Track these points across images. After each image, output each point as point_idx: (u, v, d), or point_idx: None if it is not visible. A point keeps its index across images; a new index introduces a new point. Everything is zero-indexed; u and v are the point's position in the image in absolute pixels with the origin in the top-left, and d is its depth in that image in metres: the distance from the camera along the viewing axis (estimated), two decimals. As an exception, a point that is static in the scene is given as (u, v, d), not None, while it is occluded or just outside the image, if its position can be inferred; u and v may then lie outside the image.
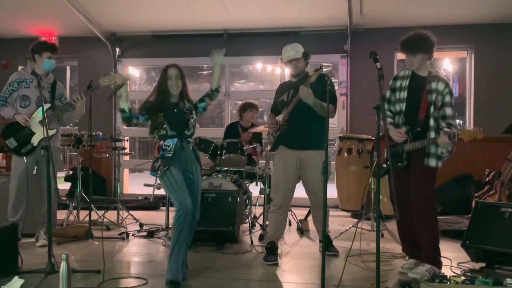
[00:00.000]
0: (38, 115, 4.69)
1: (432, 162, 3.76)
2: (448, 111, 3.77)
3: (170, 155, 3.68)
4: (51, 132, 4.71)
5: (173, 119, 3.74)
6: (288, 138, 4.47)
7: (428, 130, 3.78)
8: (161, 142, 3.77)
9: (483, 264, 4.01)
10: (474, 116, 7.57)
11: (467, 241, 4.03)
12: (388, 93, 4.03)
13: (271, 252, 4.39)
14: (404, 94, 3.91)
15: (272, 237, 4.52)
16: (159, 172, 3.65)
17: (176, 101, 3.83)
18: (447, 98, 3.77)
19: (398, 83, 3.98)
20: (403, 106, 3.90)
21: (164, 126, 3.72)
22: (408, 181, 3.85)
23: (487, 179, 6.17)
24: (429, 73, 3.88)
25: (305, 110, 4.29)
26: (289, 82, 4.66)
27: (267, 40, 8.05)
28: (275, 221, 4.55)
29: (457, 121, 3.84)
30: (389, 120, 3.97)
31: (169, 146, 3.72)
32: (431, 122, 3.78)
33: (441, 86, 3.78)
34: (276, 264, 4.27)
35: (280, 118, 4.54)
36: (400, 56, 7.93)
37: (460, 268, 3.99)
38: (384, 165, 3.97)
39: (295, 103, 4.34)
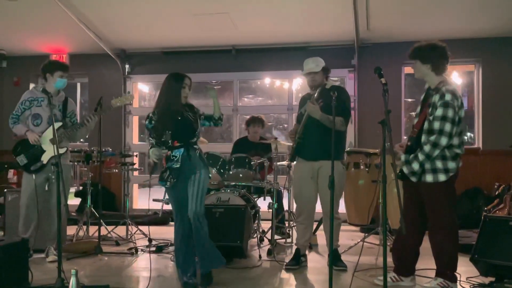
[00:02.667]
0: (49, 133, 4.77)
1: (428, 178, 3.70)
2: (435, 125, 3.62)
3: (178, 166, 3.80)
4: (61, 151, 4.79)
5: (179, 130, 3.84)
6: (304, 149, 4.63)
7: (421, 143, 3.70)
8: (168, 153, 3.86)
9: (493, 279, 3.97)
10: (482, 130, 7.55)
11: (476, 255, 3.99)
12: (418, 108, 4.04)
13: (294, 258, 4.70)
14: (419, 109, 3.94)
15: (297, 244, 4.78)
16: (168, 183, 3.82)
17: (179, 109, 3.89)
18: (438, 111, 3.61)
19: (421, 97, 3.99)
20: (415, 121, 3.92)
21: (170, 140, 3.83)
22: (415, 194, 3.84)
23: (496, 192, 6.15)
24: (436, 85, 3.78)
25: (318, 122, 4.44)
26: (308, 95, 4.80)
27: (275, 56, 8.11)
28: (297, 230, 4.83)
29: (465, 136, 3.77)
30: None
31: (176, 157, 3.82)
32: (423, 137, 3.70)
33: (436, 98, 3.68)
34: (293, 269, 4.54)
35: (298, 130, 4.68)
36: (408, 70, 7.97)
37: (469, 283, 3.97)
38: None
39: (306, 118, 4.52)
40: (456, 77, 9.36)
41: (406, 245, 3.97)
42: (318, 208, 4.75)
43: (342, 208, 4.06)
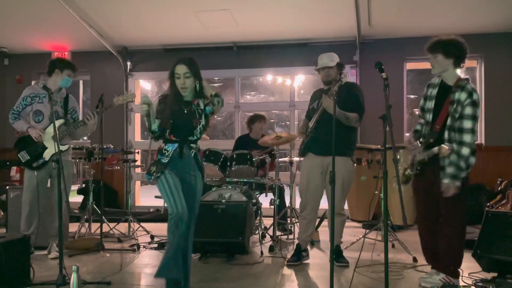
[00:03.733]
0: (51, 130, 4.77)
1: (446, 181, 3.59)
2: (466, 124, 3.58)
3: (166, 161, 3.49)
4: (64, 148, 4.80)
5: (179, 123, 3.52)
6: (315, 144, 4.61)
7: (445, 141, 3.64)
8: (161, 145, 3.58)
9: (495, 274, 3.96)
10: (485, 126, 7.53)
11: (478, 251, 3.98)
12: (421, 102, 3.94)
13: (295, 253, 4.69)
14: (431, 104, 3.79)
15: (298, 239, 4.75)
16: (151, 178, 3.50)
17: (190, 100, 3.58)
18: (467, 110, 3.57)
19: (429, 91, 3.86)
20: (431, 116, 3.78)
21: (168, 130, 3.51)
22: (432, 190, 3.76)
23: (499, 188, 6.13)
24: (456, 82, 3.71)
25: (332, 117, 4.30)
26: (321, 90, 4.76)
27: (276, 52, 8.10)
28: (300, 225, 4.79)
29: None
30: (417, 127, 3.96)
31: (167, 151, 3.51)
32: (445, 134, 3.64)
33: (463, 96, 3.59)
34: (294, 265, 4.53)
35: (310, 125, 4.66)
36: (410, 66, 7.96)
37: (472, 278, 3.96)
38: (406, 172, 3.92)
39: (320, 112, 4.50)
40: (458, 72, 9.34)
41: (434, 242, 3.89)
42: (321, 204, 4.74)
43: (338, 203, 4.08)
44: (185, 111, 3.55)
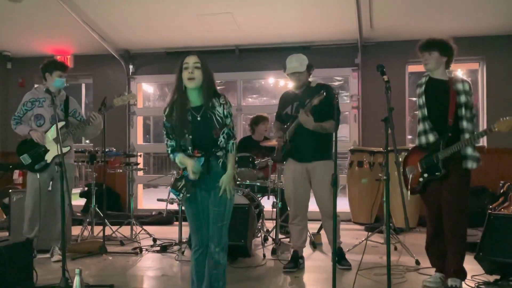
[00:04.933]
0: (53, 132, 4.78)
1: (469, 164, 3.75)
2: (473, 111, 3.85)
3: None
4: (64, 150, 4.80)
5: (196, 136, 3.09)
6: (296, 151, 4.55)
7: (461, 132, 3.76)
8: None
9: (497, 277, 3.96)
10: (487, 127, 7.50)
11: (481, 253, 3.98)
12: (418, 101, 4.05)
13: (291, 260, 4.59)
14: (422, 100, 3.93)
15: (294, 247, 4.69)
16: (180, 195, 3.13)
17: (200, 104, 3.13)
18: (472, 100, 3.84)
19: (419, 90, 4.00)
20: (425, 111, 3.91)
21: (189, 147, 3.11)
22: (441, 191, 3.82)
23: (502, 190, 6.12)
24: (450, 78, 3.90)
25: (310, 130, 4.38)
26: (293, 94, 4.66)
27: (278, 55, 8.06)
28: (293, 232, 4.71)
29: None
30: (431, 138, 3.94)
31: None
32: (464, 124, 3.77)
33: (467, 87, 3.82)
34: (291, 272, 4.45)
35: (287, 134, 4.57)
36: (411, 68, 7.95)
37: (474, 281, 3.95)
38: (421, 179, 3.91)
39: (296, 125, 4.41)
40: (460, 75, 9.35)
41: (441, 244, 3.92)
42: (315, 208, 4.72)
43: (339, 206, 4.00)
44: (198, 118, 3.10)
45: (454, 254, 3.81)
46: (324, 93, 4.17)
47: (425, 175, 3.88)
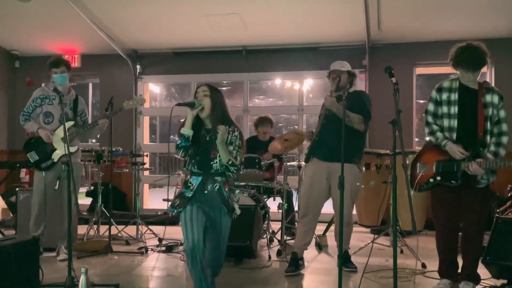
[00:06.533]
0: (61, 131, 4.79)
1: (491, 178, 3.73)
2: (505, 127, 3.67)
3: (190, 195, 3.39)
4: (72, 149, 4.81)
5: (200, 155, 3.44)
6: (320, 150, 4.52)
7: (486, 146, 3.64)
8: (188, 177, 3.50)
9: (505, 281, 3.93)
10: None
11: (488, 258, 3.94)
12: (431, 106, 3.81)
13: (291, 263, 4.46)
14: (454, 109, 3.70)
15: (295, 247, 4.59)
16: (175, 211, 3.40)
17: (210, 128, 3.48)
18: (502, 113, 3.67)
19: (444, 96, 3.75)
20: (455, 122, 3.71)
21: (193, 161, 3.44)
22: (460, 199, 3.76)
23: (509, 194, 6.07)
24: (480, 85, 3.69)
25: (336, 122, 4.19)
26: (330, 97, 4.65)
27: (285, 56, 8.10)
28: (299, 231, 4.62)
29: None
30: (439, 134, 3.76)
31: (192, 185, 3.42)
32: (488, 138, 3.66)
33: (495, 99, 3.65)
34: (294, 275, 4.33)
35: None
36: (419, 70, 7.92)
37: (481, 285, 3.92)
38: (432, 180, 3.82)
39: (323, 113, 4.44)
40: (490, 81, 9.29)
41: (454, 249, 3.91)
42: (325, 209, 4.70)
43: (346, 208, 3.97)
44: (207, 138, 3.46)
45: (470, 260, 3.80)
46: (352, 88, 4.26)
47: (438, 178, 3.79)
